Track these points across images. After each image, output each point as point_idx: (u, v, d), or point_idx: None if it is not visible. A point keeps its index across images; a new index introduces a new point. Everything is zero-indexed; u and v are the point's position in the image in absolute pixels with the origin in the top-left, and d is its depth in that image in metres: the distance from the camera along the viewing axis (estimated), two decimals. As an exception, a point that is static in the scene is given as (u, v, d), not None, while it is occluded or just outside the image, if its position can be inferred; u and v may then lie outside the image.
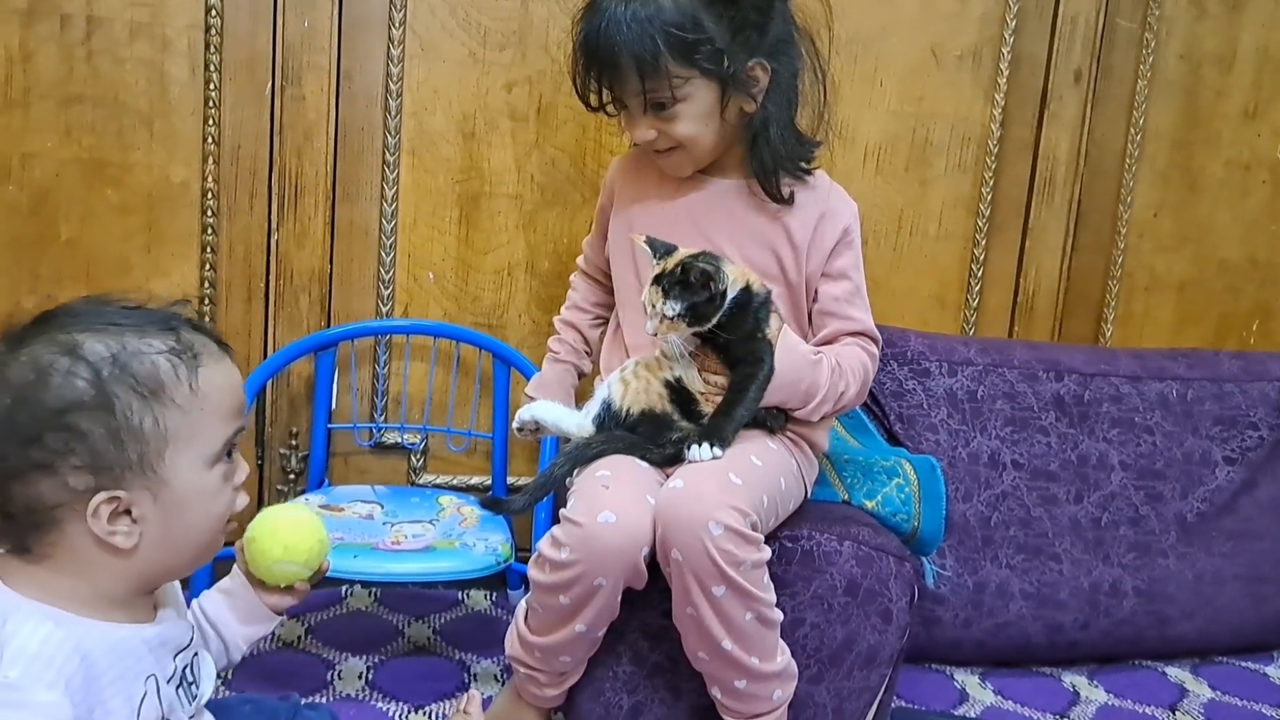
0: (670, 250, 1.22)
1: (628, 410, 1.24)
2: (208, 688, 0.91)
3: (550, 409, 1.30)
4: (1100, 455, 1.71)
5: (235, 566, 1.00)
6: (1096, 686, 1.63)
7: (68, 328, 0.79)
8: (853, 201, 1.36)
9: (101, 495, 0.77)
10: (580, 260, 1.50)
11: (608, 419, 1.25)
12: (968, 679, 1.62)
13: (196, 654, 0.90)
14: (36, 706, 0.72)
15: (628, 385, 1.25)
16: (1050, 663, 1.68)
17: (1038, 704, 1.55)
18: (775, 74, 1.26)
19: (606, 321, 1.46)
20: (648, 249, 1.22)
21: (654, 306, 1.19)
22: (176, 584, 0.91)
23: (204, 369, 0.81)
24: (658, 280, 1.19)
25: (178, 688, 0.85)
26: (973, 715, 1.51)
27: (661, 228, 1.28)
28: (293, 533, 0.96)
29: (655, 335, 1.20)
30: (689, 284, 1.17)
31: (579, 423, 1.27)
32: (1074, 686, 1.62)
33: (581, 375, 1.47)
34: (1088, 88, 1.88)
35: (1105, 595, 1.66)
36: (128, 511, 0.79)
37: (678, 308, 1.17)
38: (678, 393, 1.24)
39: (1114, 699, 1.59)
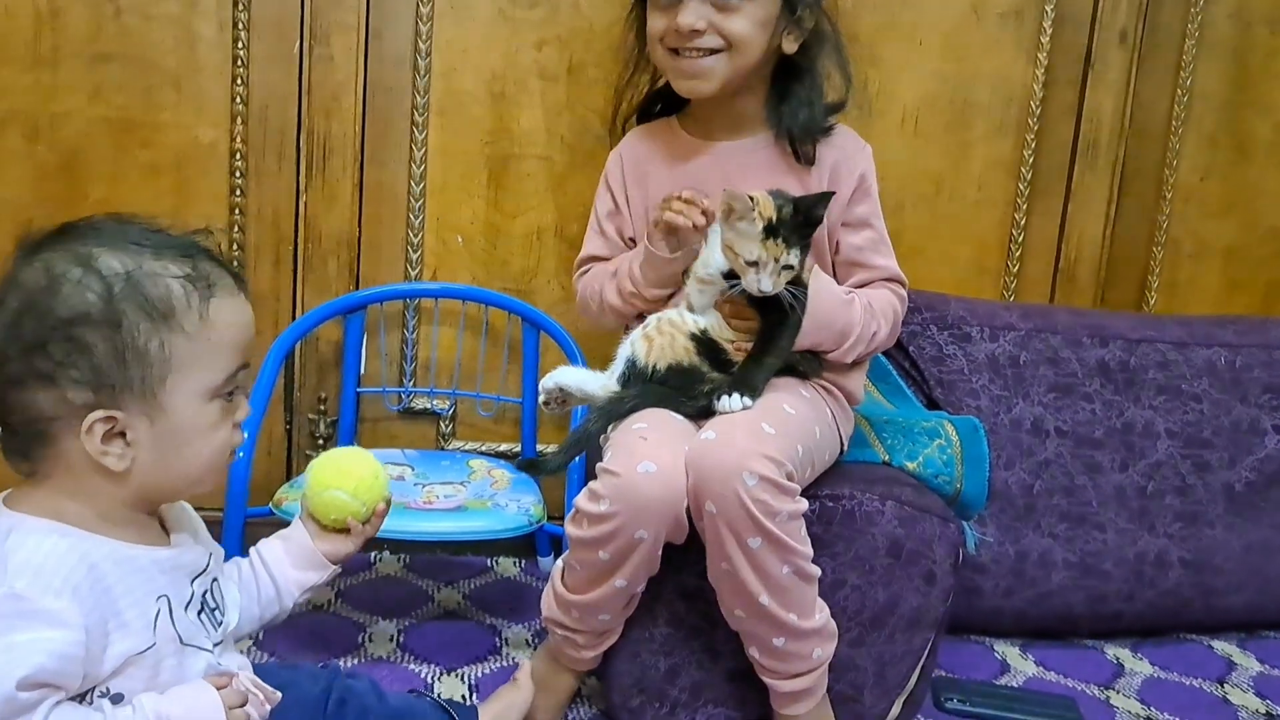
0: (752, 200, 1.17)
1: (654, 366, 1.21)
2: (233, 616, 0.91)
3: (573, 374, 1.27)
4: (1146, 423, 1.67)
5: (298, 516, 1.00)
6: (1141, 659, 1.59)
7: (87, 241, 0.78)
8: (866, 144, 1.34)
9: (98, 413, 0.76)
10: (586, 258, 1.42)
11: (633, 378, 1.22)
12: (1008, 650, 1.58)
13: (216, 579, 0.89)
14: (46, 615, 0.72)
15: (651, 341, 1.22)
16: (1093, 634, 1.64)
17: (1081, 675, 1.51)
18: (818, 28, 1.28)
19: None
20: (760, 197, 1.16)
21: (776, 261, 1.15)
22: (192, 511, 0.91)
23: (216, 300, 0.80)
24: (772, 232, 1.15)
25: (199, 613, 0.84)
26: (1015, 685, 1.47)
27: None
28: (348, 459, 1.00)
29: (772, 290, 1.15)
30: (806, 224, 1.15)
31: (604, 384, 1.24)
32: (1117, 659, 1.58)
33: None
34: (1133, 48, 1.82)
35: (1150, 566, 1.62)
36: (122, 434, 0.78)
37: (798, 254, 1.15)
38: (705, 344, 1.21)
39: (1160, 671, 1.55)
